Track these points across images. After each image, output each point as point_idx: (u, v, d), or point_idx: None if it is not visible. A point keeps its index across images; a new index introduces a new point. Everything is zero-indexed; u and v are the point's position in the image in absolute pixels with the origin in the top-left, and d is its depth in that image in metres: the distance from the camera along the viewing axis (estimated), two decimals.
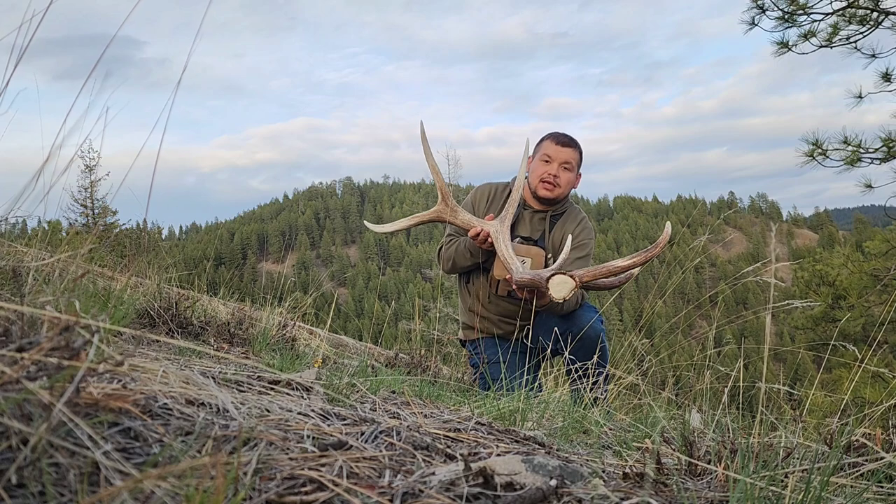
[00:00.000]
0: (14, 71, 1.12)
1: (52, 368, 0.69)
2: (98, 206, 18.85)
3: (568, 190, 2.95)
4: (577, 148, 2.95)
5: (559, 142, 2.93)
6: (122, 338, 1.70)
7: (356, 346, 5.10)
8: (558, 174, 2.89)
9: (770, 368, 1.24)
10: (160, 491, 0.63)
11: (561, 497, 0.84)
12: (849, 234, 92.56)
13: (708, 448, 1.19)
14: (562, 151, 2.91)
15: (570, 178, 2.93)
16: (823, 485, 0.90)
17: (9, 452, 0.62)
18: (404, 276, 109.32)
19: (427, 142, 2.66)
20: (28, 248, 2.53)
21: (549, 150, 2.92)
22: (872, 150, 6.77)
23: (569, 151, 2.91)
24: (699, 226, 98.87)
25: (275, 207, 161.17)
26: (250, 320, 2.44)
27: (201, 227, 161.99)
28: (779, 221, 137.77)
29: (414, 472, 0.86)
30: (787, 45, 6.93)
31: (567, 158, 2.90)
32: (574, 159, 2.92)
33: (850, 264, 8.74)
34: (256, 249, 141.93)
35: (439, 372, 2.89)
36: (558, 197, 2.93)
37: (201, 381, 1.04)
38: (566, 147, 2.92)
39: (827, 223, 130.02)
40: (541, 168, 2.92)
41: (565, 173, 2.90)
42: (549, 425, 1.60)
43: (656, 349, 2.68)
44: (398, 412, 1.35)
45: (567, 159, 2.90)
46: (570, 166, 2.91)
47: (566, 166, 2.90)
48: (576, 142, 2.97)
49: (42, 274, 1.55)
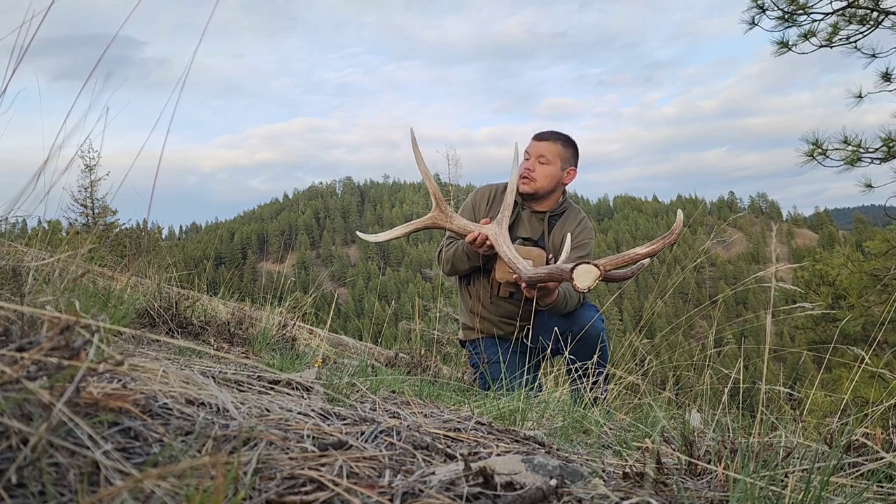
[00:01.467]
0: (14, 71, 1.12)
1: (52, 368, 0.69)
2: (98, 205, 18.85)
3: (547, 183, 2.93)
4: (554, 140, 2.96)
5: (535, 137, 2.99)
6: (122, 337, 1.70)
7: (356, 345, 5.10)
8: (533, 168, 2.92)
9: (770, 368, 1.25)
10: (160, 491, 0.63)
11: (561, 497, 0.84)
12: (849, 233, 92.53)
13: (708, 448, 1.19)
14: (537, 146, 2.95)
15: (547, 172, 2.93)
16: (823, 484, 0.90)
17: (9, 452, 0.62)
18: (404, 276, 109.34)
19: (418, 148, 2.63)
20: (28, 247, 2.53)
21: (528, 147, 2.98)
22: (872, 150, 6.76)
23: (543, 145, 2.94)
24: (699, 226, 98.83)
25: (275, 207, 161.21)
26: (250, 320, 2.44)
27: (201, 227, 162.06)
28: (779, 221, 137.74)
29: (414, 472, 0.86)
30: (787, 45, 6.92)
31: (542, 152, 2.93)
32: (550, 151, 2.93)
33: (850, 264, 8.74)
34: (256, 249, 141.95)
35: (439, 372, 2.89)
36: (538, 191, 2.93)
37: (201, 380, 1.04)
38: (541, 141, 2.96)
39: (827, 223, 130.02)
40: (522, 165, 2.96)
41: (541, 167, 2.92)
42: (549, 425, 1.60)
43: (656, 349, 2.68)
44: (398, 412, 1.35)
45: (541, 153, 2.93)
46: (546, 159, 2.92)
47: (541, 160, 2.92)
48: (555, 134, 2.98)
49: (42, 274, 1.55)
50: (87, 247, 2.19)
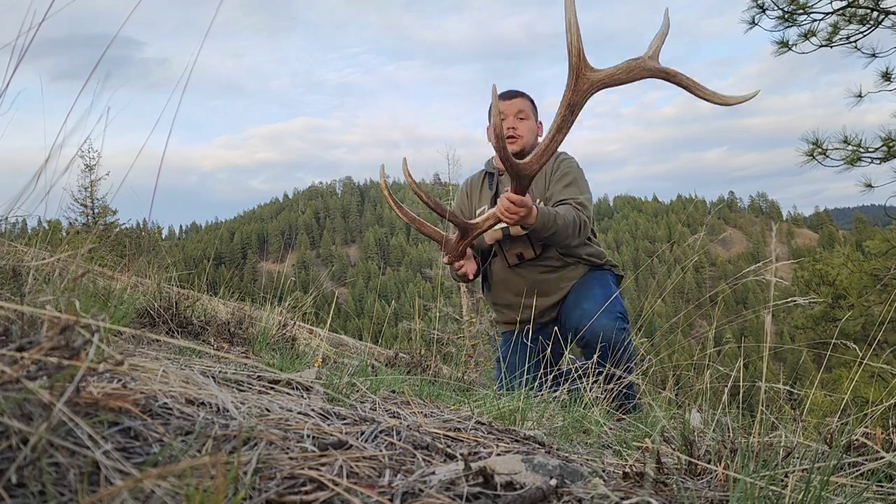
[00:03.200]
0: (14, 72, 1.12)
1: (52, 368, 0.69)
2: (98, 205, 18.87)
3: (531, 137, 2.94)
4: (523, 97, 2.97)
5: (503, 96, 2.94)
6: (122, 337, 1.70)
7: (356, 345, 5.10)
8: (515, 125, 2.91)
9: (770, 368, 1.25)
10: (160, 490, 0.63)
11: (561, 496, 0.84)
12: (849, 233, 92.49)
13: (708, 447, 1.19)
14: (511, 103, 2.93)
15: (529, 126, 2.93)
16: (823, 484, 0.90)
17: (9, 452, 0.63)
18: (404, 276, 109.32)
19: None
20: (28, 247, 2.53)
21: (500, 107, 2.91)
22: (872, 150, 6.76)
23: (517, 101, 2.94)
24: (699, 225, 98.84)
25: (275, 207, 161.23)
26: (250, 320, 2.44)
27: (201, 227, 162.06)
28: (779, 221, 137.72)
29: (414, 472, 0.86)
30: (787, 45, 6.92)
31: (519, 107, 2.93)
32: (526, 107, 2.94)
33: (850, 264, 8.74)
34: (256, 249, 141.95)
35: (439, 371, 2.89)
36: (525, 147, 2.92)
37: (201, 380, 1.04)
38: (513, 98, 2.95)
39: (827, 223, 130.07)
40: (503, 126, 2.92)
41: (522, 123, 2.92)
42: (549, 425, 1.60)
43: (656, 348, 2.68)
44: (398, 412, 1.35)
45: (519, 108, 2.93)
46: (525, 114, 2.93)
47: (520, 115, 2.92)
48: (518, 92, 2.99)
49: (42, 273, 1.55)
50: (87, 247, 2.19)
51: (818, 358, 6.16)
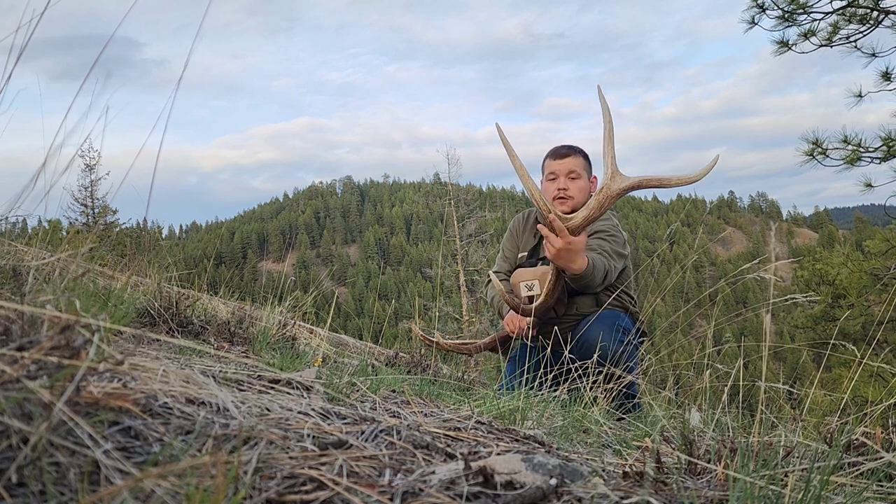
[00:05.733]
0: (13, 71, 1.11)
1: (52, 367, 0.69)
2: (98, 205, 18.88)
3: (582, 197, 2.96)
4: (577, 154, 3.00)
5: (557, 155, 3.00)
6: (123, 337, 1.70)
7: (356, 345, 5.10)
8: (567, 186, 2.94)
9: (770, 367, 1.25)
10: (160, 490, 0.63)
11: (561, 496, 0.84)
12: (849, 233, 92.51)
13: (708, 447, 1.19)
14: (563, 163, 2.97)
15: (580, 186, 2.97)
16: (823, 484, 0.90)
17: (9, 451, 0.63)
18: (404, 276, 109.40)
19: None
20: (28, 247, 2.53)
21: (552, 167, 3.00)
22: (872, 150, 6.75)
23: (569, 161, 2.97)
24: (699, 225, 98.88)
25: (275, 207, 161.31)
26: (250, 319, 2.44)
27: (202, 227, 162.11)
28: (779, 220, 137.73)
29: (414, 471, 0.86)
30: (787, 45, 6.92)
31: (570, 167, 2.96)
32: (577, 166, 2.97)
33: (849, 263, 8.74)
34: (257, 248, 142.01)
35: (439, 371, 2.89)
36: (575, 207, 2.92)
37: (201, 380, 1.04)
38: (565, 157, 2.98)
39: (827, 222, 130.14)
40: (550, 187, 2.98)
41: (573, 183, 2.96)
42: (548, 424, 1.60)
43: (656, 348, 2.67)
44: (398, 411, 1.35)
45: (570, 168, 2.96)
46: (576, 174, 2.96)
47: (572, 175, 2.96)
48: (574, 149, 3.01)
49: (42, 273, 1.55)
50: (87, 246, 2.19)
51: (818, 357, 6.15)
